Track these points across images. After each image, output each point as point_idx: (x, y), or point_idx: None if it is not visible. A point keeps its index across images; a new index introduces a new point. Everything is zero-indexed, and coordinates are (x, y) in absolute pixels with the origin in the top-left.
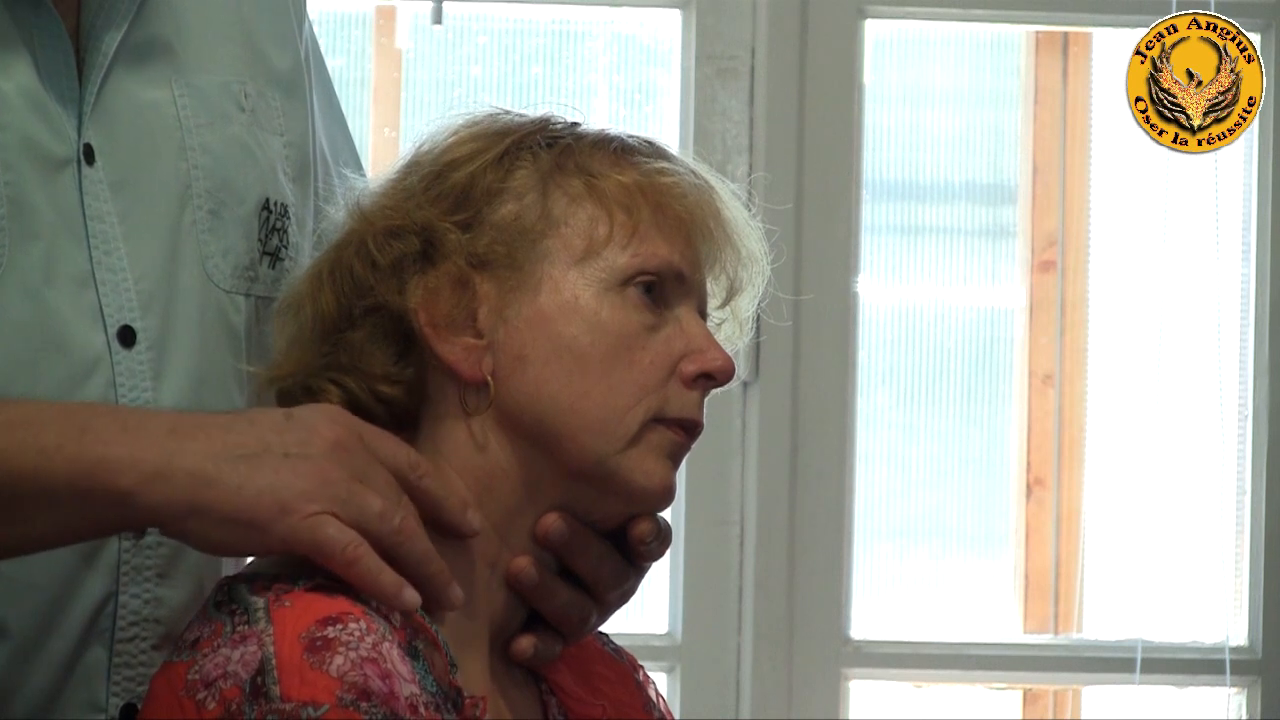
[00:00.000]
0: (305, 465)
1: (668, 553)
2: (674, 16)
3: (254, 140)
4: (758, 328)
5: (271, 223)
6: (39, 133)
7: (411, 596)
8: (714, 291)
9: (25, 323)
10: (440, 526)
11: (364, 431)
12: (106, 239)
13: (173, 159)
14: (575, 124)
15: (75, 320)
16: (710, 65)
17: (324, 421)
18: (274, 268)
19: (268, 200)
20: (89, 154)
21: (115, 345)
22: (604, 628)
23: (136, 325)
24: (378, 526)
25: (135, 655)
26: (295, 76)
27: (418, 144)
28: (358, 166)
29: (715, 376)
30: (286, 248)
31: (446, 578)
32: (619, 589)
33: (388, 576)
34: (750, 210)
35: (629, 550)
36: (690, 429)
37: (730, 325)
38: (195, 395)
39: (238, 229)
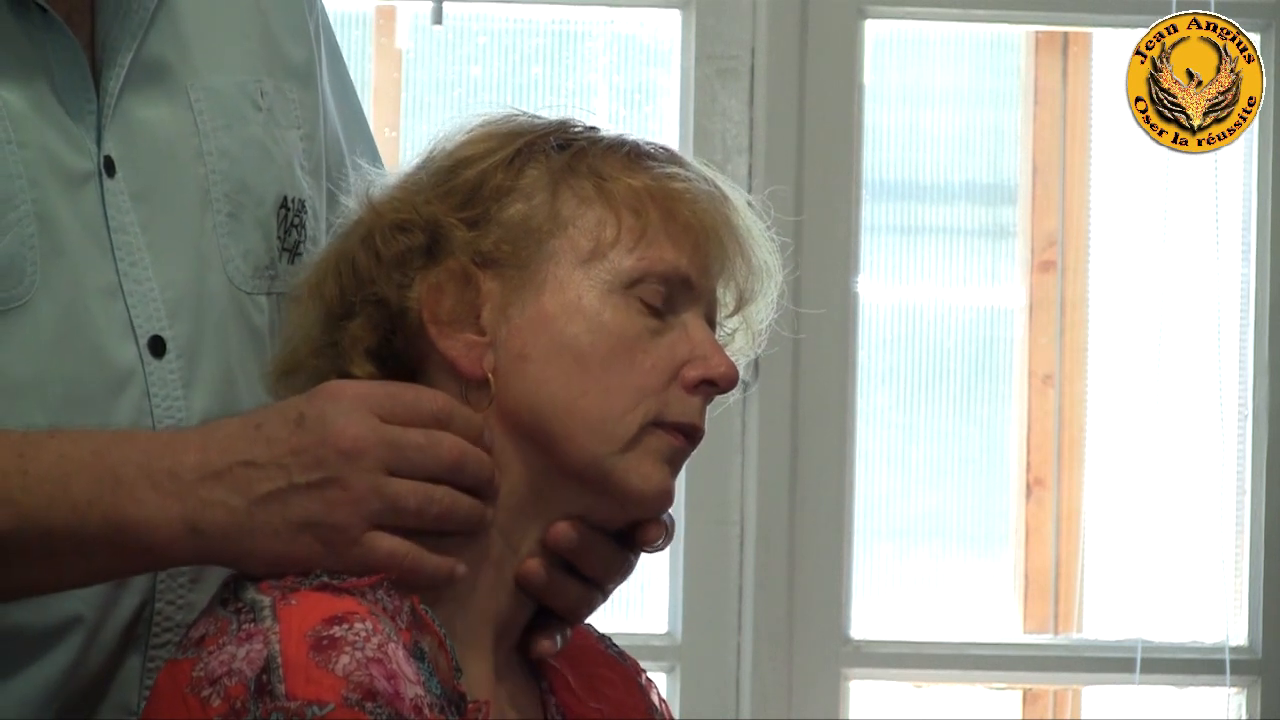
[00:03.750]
0: (331, 491)
1: (668, 553)
2: (674, 16)
3: (271, 138)
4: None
5: (290, 220)
6: (60, 149)
7: (461, 568)
8: (724, 301)
9: (60, 339)
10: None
11: (377, 403)
12: (131, 250)
13: (190, 165)
14: (593, 128)
15: (108, 333)
16: (710, 65)
17: (336, 422)
18: (294, 263)
19: (285, 198)
20: (109, 166)
21: (147, 356)
22: (603, 628)
23: (166, 335)
24: (419, 521)
25: (166, 659)
26: (308, 67)
27: (433, 141)
28: (373, 153)
29: (718, 383)
30: (305, 242)
31: (485, 523)
32: (620, 580)
33: (440, 564)
34: (765, 222)
35: (630, 542)
36: (690, 434)
37: (743, 336)
38: (224, 403)
39: (256, 230)
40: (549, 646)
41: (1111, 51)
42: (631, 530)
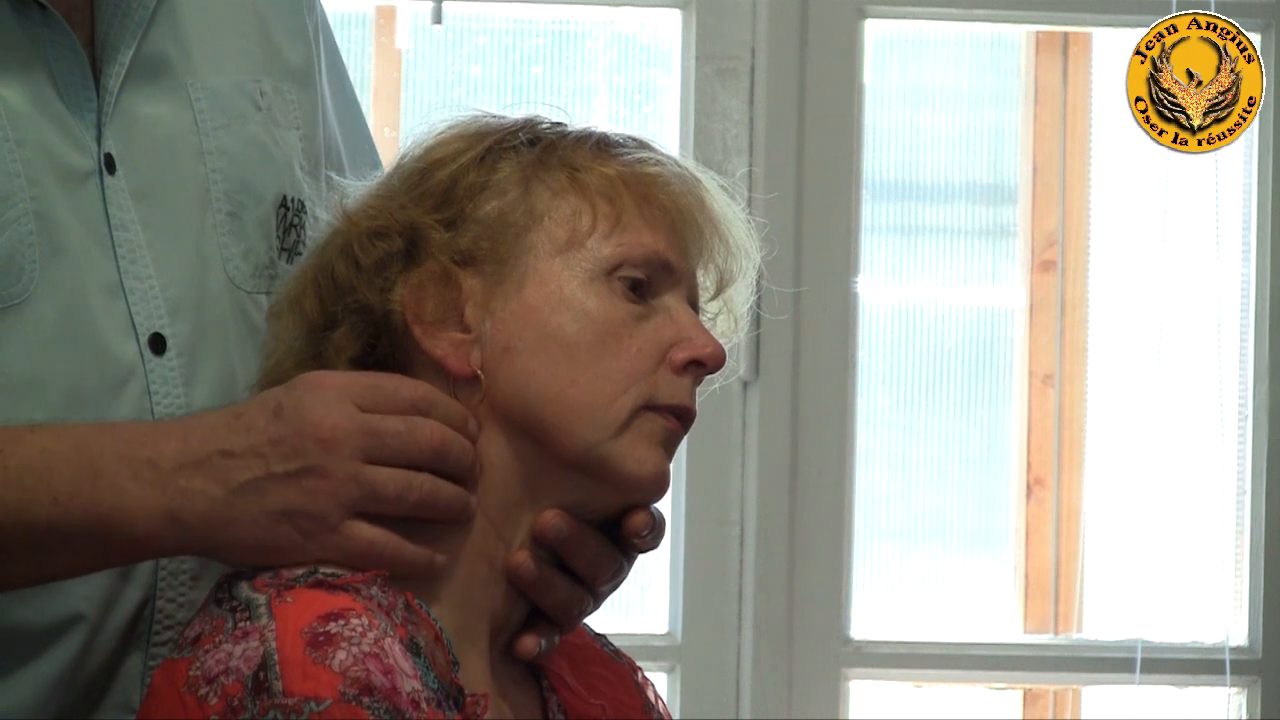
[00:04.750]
0: (309, 480)
1: (668, 553)
2: (674, 16)
3: (270, 138)
4: (758, 325)
5: (289, 219)
6: (60, 146)
7: (440, 558)
8: (705, 284)
9: (61, 336)
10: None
11: (357, 393)
12: (132, 248)
13: (190, 163)
14: (559, 123)
15: (109, 330)
16: (710, 65)
17: (314, 411)
18: (292, 262)
19: (284, 198)
20: (110, 164)
21: (147, 354)
22: (603, 628)
23: (166, 332)
24: (398, 508)
25: (166, 657)
26: (307, 68)
27: (403, 148)
28: (373, 154)
29: (705, 363)
30: (303, 242)
31: (470, 510)
32: (613, 581)
33: (418, 554)
34: (739, 203)
35: (622, 540)
36: (682, 416)
37: (725, 319)
38: (225, 400)
39: (257, 229)
40: (531, 645)
41: (1111, 51)
42: (621, 521)
